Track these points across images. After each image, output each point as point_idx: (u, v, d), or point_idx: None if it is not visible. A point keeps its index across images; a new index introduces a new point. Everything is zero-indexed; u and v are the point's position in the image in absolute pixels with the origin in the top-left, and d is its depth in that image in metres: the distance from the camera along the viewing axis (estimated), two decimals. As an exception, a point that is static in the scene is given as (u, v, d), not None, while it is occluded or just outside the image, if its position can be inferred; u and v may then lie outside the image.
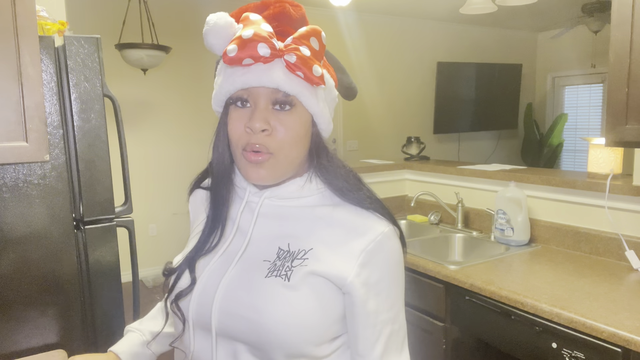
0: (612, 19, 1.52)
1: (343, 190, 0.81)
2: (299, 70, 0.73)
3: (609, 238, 1.89)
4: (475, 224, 2.44)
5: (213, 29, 0.75)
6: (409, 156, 3.13)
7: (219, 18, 0.75)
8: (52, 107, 1.32)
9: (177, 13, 4.50)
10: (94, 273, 1.41)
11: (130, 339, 0.96)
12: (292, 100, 0.75)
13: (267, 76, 0.73)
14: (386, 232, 0.79)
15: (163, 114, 4.57)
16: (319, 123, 0.80)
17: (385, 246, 0.78)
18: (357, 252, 0.77)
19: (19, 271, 1.30)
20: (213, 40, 0.75)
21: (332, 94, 0.83)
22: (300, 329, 0.73)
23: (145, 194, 4.42)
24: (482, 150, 6.66)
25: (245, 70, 0.74)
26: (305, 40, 0.74)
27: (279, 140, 0.75)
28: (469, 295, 1.70)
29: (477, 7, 3.43)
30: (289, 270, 0.76)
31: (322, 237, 0.79)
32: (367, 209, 0.80)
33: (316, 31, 0.76)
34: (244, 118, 0.75)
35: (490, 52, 6.39)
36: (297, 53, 0.72)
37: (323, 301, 0.76)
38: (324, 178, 0.82)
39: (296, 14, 0.79)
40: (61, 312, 1.37)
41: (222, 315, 0.76)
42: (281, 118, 0.75)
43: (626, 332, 1.27)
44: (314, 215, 0.81)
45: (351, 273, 0.76)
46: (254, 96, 0.75)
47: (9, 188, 1.28)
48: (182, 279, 0.81)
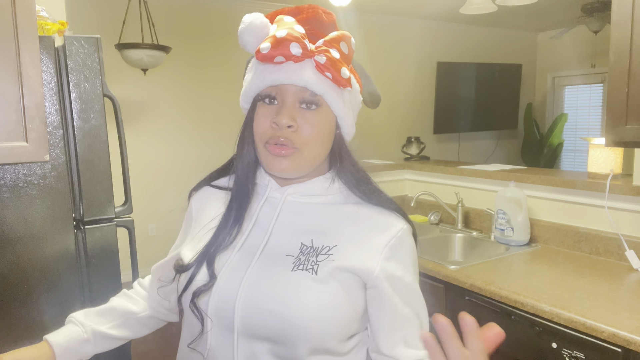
0: (612, 18, 1.52)
1: (365, 193, 0.85)
2: (328, 71, 0.76)
3: (609, 238, 1.89)
4: (475, 224, 2.44)
5: (249, 27, 0.78)
6: (409, 156, 3.13)
7: (255, 18, 0.78)
8: (52, 107, 1.32)
9: (177, 13, 4.50)
10: (94, 273, 1.41)
11: (70, 332, 0.89)
12: (319, 100, 0.78)
13: (297, 75, 0.76)
14: (405, 229, 0.83)
15: (163, 114, 4.56)
16: (342, 125, 0.83)
17: (405, 242, 0.83)
18: (380, 247, 0.80)
19: (18, 271, 1.30)
20: (248, 38, 0.78)
21: (357, 99, 0.86)
22: (327, 322, 0.74)
23: (145, 194, 4.41)
24: (482, 150, 6.66)
25: (277, 68, 0.76)
26: (336, 43, 0.78)
27: (304, 137, 0.77)
28: (469, 295, 1.70)
29: (477, 7, 3.43)
30: (315, 264, 0.77)
31: (346, 234, 0.81)
32: (388, 209, 0.84)
33: (346, 36, 0.79)
34: (270, 114, 0.78)
35: (490, 52, 6.38)
36: (327, 55, 0.75)
37: (350, 295, 0.78)
38: (346, 179, 0.85)
39: (327, 20, 0.82)
40: (61, 312, 1.36)
41: (247, 309, 0.76)
42: (307, 116, 0.77)
43: (626, 332, 1.27)
44: (338, 213, 0.84)
45: (377, 267, 0.78)
46: (282, 93, 0.77)
47: (9, 188, 1.28)
48: (198, 275, 0.80)
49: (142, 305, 0.98)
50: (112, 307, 0.96)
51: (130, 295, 1.00)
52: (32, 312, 1.32)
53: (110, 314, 0.95)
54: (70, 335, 0.89)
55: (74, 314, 0.94)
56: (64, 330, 0.90)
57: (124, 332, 0.95)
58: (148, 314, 0.98)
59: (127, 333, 0.96)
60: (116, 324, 0.94)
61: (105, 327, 0.93)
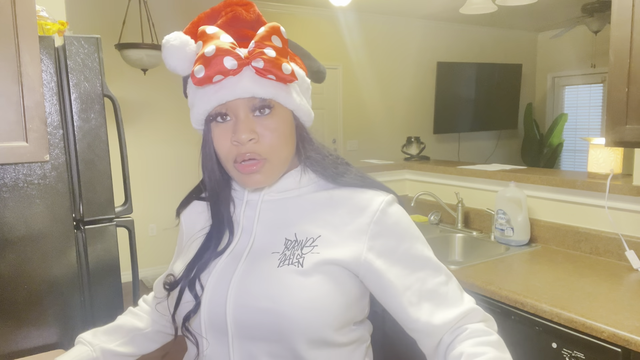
0: (612, 18, 1.52)
1: (335, 177, 0.83)
2: (270, 73, 0.73)
3: (609, 238, 1.89)
4: (475, 224, 2.44)
5: (169, 50, 0.75)
6: (409, 156, 3.13)
7: (173, 39, 0.75)
8: (52, 107, 1.32)
9: (177, 13, 4.50)
10: (94, 273, 1.41)
11: (79, 352, 0.92)
12: (270, 102, 0.75)
13: (240, 87, 0.73)
14: (387, 200, 0.81)
15: (163, 114, 4.57)
16: (300, 116, 0.81)
17: (390, 212, 0.80)
18: (364, 226, 0.78)
19: (19, 271, 1.30)
20: (172, 62, 0.75)
21: (305, 83, 0.84)
22: (317, 311, 0.74)
23: (145, 194, 4.42)
24: (482, 150, 6.66)
25: (218, 86, 0.74)
26: (267, 40, 0.74)
27: (268, 145, 0.76)
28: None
29: (477, 7, 3.43)
30: (300, 257, 0.77)
31: (327, 221, 0.80)
32: (362, 187, 0.82)
33: (275, 29, 0.75)
34: (228, 132, 0.76)
35: (490, 52, 6.39)
36: (263, 57, 0.72)
37: (338, 283, 0.77)
38: (314, 168, 0.84)
39: (250, 15, 0.79)
40: (61, 312, 1.37)
41: (238, 310, 0.76)
42: (264, 123, 0.75)
43: (626, 332, 1.27)
44: (314, 202, 0.83)
45: (363, 250, 0.77)
46: (233, 109, 0.75)
47: (9, 188, 1.28)
48: (186, 291, 0.80)
49: (147, 321, 0.99)
50: (119, 325, 0.98)
51: (136, 312, 1.01)
52: (32, 312, 1.33)
53: (117, 332, 0.97)
54: (80, 355, 0.91)
55: (82, 335, 0.96)
56: (74, 351, 0.92)
57: (132, 349, 0.96)
58: (154, 329, 0.99)
59: (135, 349, 0.97)
60: (124, 341, 0.96)
61: (114, 345, 0.94)
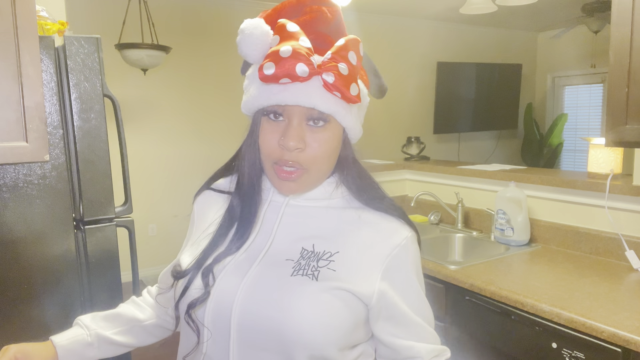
0: (612, 18, 1.52)
1: (368, 200, 0.82)
2: (337, 90, 0.72)
3: (609, 238, 1.89)
4: (475, 224, 2.44)
5: (248, 39, 0.73)
6: (409, 156, 3.13)
7: (254, 27, 0.73)
8: (52, 107, 1.32)
9: (177, 13, 4.50)
10: (94, 273, 1.41)
11: (75, 334, 0.90)
12: (327, 116, 0.74)
13: (304, 95, 0.72)
14: (410, 237, 0.81)
15: (163, 114, 4.57)
16: (350, 134, 0.80)
17: (410, 250, 0.81)
18: (383, 256, 0.78)
19: (19, 271, 1.30)
20: (247, 50, 0.74)
21: (365, 103, 0.83)
22: (325, 328, 0.72)
23: (145, 194, 4.41)
24: (482, 150, 6.66)
25: (282, 88, 0.72)
26: (344, 55, 0.72)
27: (312, 156, 0.75)
28: (469, 295, 1.70)
29: (477, 7, 3.43)
30: (315, 270, 0.76)
31: (349, 240, 0.79)
32: (391, 214, 0.82)
33: (354, 44, 0.74)
34: (277, 132, 0.75)
35: (490, 52, 6.38)
36: (335, 72, 0.71)
37: (350, 305, 0.76)
38: (349, 185, 0.83)
39: (332, 16, 0.77)
40: (61, 312, 1.37)
41: (244, 315, 0.74)
42: (315, 134, 0.75)
43: (626, 332, 1.27)
44: (340, 218, 0.82)
45: (376, 285, 0.77)
46: (289, 112, 0.74)
47: (9, 188, 1.28)
48: (195, 282, 0.78)
49: (149, 313, 0.97)
50: (119, 313, 0.96)
51: (138, 302, 0.99)
52: (33, 312, 1.32)
53: (116, 320, 0.94)
54: (75, 338, 0.89)
55: (82, 317, 0.94)
56: (69, 332, 0.91)
57: (129, 339, 0.94)
58: (154, 322, 0.97)
59: (132, 340, 0.95)
60: (121, 330, 0.93)
61: (110, 332, 0.92)
